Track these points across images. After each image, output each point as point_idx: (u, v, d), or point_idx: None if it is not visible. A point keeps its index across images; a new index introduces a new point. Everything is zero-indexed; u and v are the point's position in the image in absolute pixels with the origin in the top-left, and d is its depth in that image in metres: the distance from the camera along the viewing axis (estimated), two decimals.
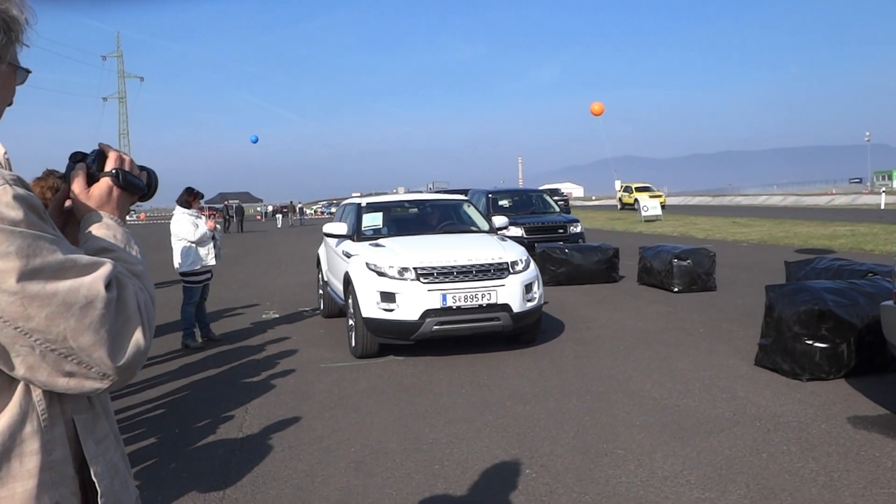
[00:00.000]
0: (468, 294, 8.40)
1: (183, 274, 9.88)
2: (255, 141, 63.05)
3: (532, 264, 9.17)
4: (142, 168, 1.67)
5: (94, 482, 1.40)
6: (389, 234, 9.97)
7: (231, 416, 6.69)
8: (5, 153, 1.40)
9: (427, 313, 8.29)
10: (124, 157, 1.61)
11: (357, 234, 9.97)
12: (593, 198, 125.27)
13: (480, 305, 8.42)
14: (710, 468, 4.93)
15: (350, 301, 8.97)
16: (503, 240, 9.75)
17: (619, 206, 57.79)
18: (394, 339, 8.62)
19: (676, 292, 12.82)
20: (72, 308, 1.27)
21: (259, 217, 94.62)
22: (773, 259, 16.26)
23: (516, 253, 9.02)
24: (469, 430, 5.96)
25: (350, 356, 8.87)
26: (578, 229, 17.76)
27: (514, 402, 6.72)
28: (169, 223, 10.21)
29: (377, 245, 9.33)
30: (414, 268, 8.47)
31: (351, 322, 9.04)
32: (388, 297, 8.40)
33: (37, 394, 1.33)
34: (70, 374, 1.30)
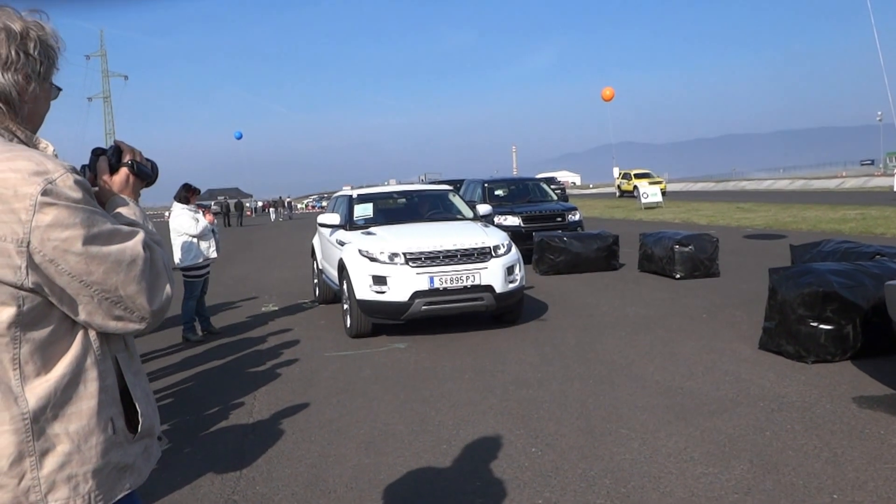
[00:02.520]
0: (454, 276, 9.21)
1: (184, 269, 10.10)
2: (240, 137, 63.52)
3: (513, 248, 9.92)
4: (147, 160, 2.07)
5: (134, 406, 1.83)
6: (379, 223, 10.68)
7: (240, 404, 6.92)
8: (54, 150, 1.82)
9: (416, 294, 9.08)
10: (135, 150, 2.03)
11: (349, 223, 10.79)
12: (591, 186, 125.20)
13: (465, 287, 9.24)
14: (713, 445, 5.13)
15: (344, 285, 9.79)
16: (486, 226, 10.56)
17: (617, 194, 57.89)
18: (386, 319, 9.39)
19: (678, 279, 12.97)
20: (121, 265, 1.68)
21: (250, 213, 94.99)
22: (779, 244, 16.37)
23: (498, 238, 9.82)
24: (474, 413, 6.18)
25: (353, 345, 9.14)
26: (576, 217, 17.81)
27: (517, 386, 6.93)
28: (164, 219, 10.53)
29: (368, 233, 10.11)
30: (403, 253, 9.26)
31: (346, 305, 9.85)
32: (379, 280, 9.20)
33: (92, 335, 1.73)
34: (118, 318, 1.72)
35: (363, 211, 11.20)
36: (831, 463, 4.73)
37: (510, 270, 9.56)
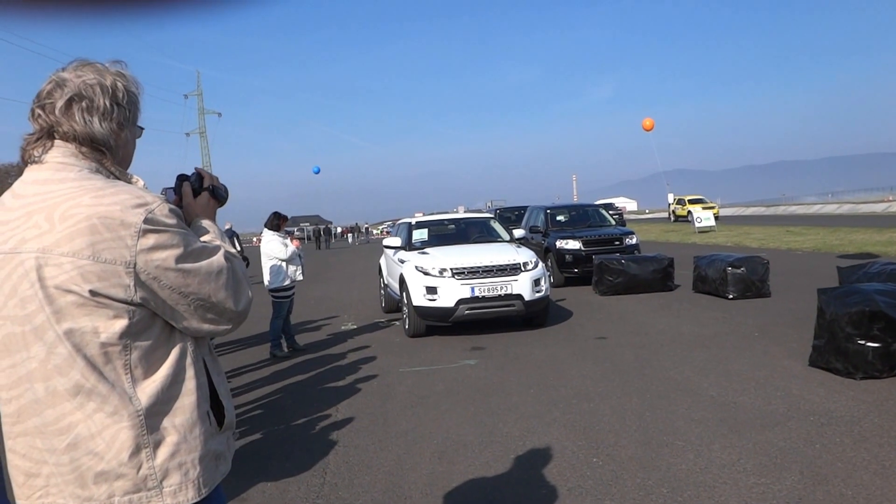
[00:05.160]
0: (490, 287, 10.67)
1: (273, 290, 10.32)
2: (318, 172, 64.82)
3: (540, 264, 11.34)
4: (221, 184, 2.24)
5: (218, 402, 1.96)
6: (433, 245, 12.30)
7: (323, 415, 7.05)
8: (144, 184, 1.97)
9: (460, 301, 10.58)
10: (213, 176, 2.19)
11: (408, 245, 12.44)
12: (647, 211, 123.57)
13: (500, 295, 10.67)
14: (765, 457, 5.07)
15: (404, 295, 11.37)
16: (518, 247, 11.98)
17: (672, 219, 57.11)
18: (436, 322, 10.88)
19: (731, 299, 12.79)
20: (211, 275, 1.83)
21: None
22: (828, 266, 16.05)
23: (527, 256, 11.26)
24: (539, 425, 6.20)
25: (426, 362, 9.26)
26: (634, 241, 17.69)
27: (579, 400, 6.93)
28: (251, 244, 10.88)
29: (423, 253, 11.66)
30: (450, 268, 10.78)
31: (405, 311, 11.42)
32: (431, 290, 10.71)
33: (188, 340, 1.87)
34: (211, 321, 1.87)
35: (420, 235, 12.80)
36: (879, 475, 4.64)
37: (537, 282, 10.91)
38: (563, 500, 4.60)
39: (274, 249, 10.17)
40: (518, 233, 13.41)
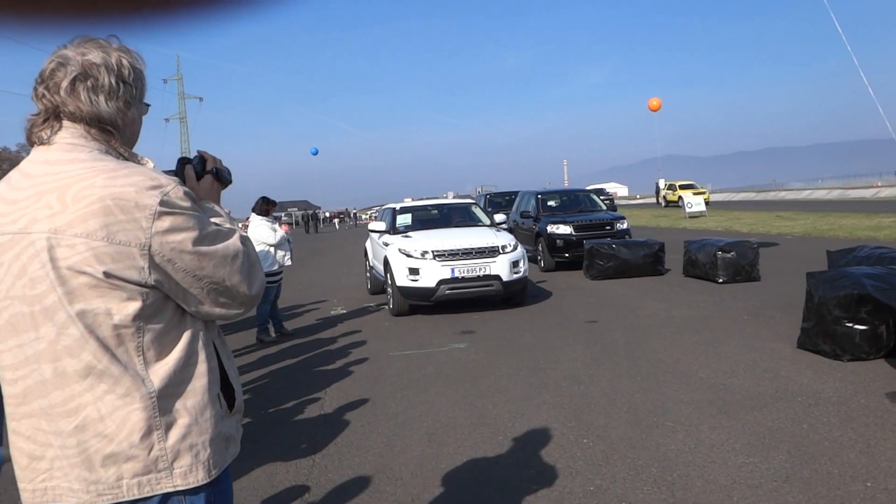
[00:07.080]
0: (470, 268, 11.30)
1: None
2: (316, 153, 64.89)
3: (519, 247, 11.99)
4: (224, 167, 2.23)
5: (228, 385, 1.97)
6: (416, 229, 12.98)
7: (313, 399, 7.07)
8: (154, 165, 1.93)
9: (441, 282, 11.20)
10: (216, 159, 2.16)
11: (392, 229, 13.03)
12: (637, 196, 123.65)
13: (479, 276, 11.32)
14: (753, 437, 5.13)
15: (388, 276, 11.91)
16: (498, 231, 12.62)
17: (663, 204, 57.14)
18: (419, 301, 11.55)
19: (721, 283, 12.85)
20: (226, 259, 1.83)
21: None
22: (817, 251, 16.13)
23: (506, 239, 11.94)
24: (529, 407, 6.24)
25: (416, 345, 9.29)
26: (625, 226, 17.72)
27: (569, 382, 6.97)
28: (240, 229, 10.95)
29: (406, 236, 12.26)
30: (432, 251, 11.40)
31: (389, 291, 11.94)
32: (414, 271, 11.32)
33: (199, 323, 1.88)
34: (223, 305, 1.87)
35: (404, 220, 13.58)
36: (865, 453, 4.71)
37: (515, 264, 11.55)
38: (553, 481, 4.64)
39: (262, 234, 10.13)
40: (499, 217, 13.87)
